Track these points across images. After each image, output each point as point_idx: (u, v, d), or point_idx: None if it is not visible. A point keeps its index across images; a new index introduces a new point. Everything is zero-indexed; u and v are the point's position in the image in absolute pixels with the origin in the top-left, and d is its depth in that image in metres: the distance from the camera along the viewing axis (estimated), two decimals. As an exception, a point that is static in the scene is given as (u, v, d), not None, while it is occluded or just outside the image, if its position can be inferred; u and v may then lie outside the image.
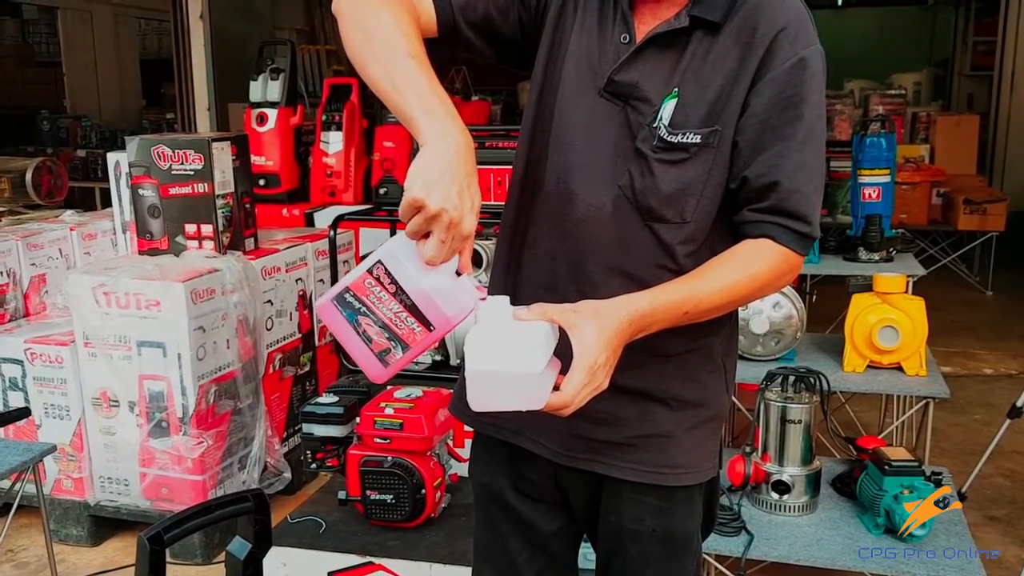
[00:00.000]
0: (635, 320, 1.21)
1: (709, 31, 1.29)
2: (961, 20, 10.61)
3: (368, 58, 1.23)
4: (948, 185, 6.54)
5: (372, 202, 4.69)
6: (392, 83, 1.19)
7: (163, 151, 3.07)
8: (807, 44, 1.28)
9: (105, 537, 3.20)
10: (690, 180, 1.29)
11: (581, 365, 1.17)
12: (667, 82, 1.29)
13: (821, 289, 4.49)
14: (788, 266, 1.31)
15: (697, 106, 1.28)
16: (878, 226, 3.48)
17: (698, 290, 1.26)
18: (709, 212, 1.32)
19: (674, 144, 1.28)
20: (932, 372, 2.79)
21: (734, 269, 1.28)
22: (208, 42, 5.77)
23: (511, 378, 1.14)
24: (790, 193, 1.27)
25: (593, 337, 1.17)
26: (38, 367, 3.08)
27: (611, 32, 1.33)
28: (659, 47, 1.30)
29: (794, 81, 1.26)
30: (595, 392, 1.19)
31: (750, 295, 1.32)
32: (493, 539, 1.56)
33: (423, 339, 1.19)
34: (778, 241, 1.29)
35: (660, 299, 1.24)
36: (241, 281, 3.09)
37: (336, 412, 2.60)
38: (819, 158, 1.30)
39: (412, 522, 2.50)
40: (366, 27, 1.25)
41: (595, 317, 1.19)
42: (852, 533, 2.18)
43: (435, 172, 1.11)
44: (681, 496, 1.41)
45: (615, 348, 1.20)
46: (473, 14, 1.37)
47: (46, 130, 9.11)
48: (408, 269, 1.17)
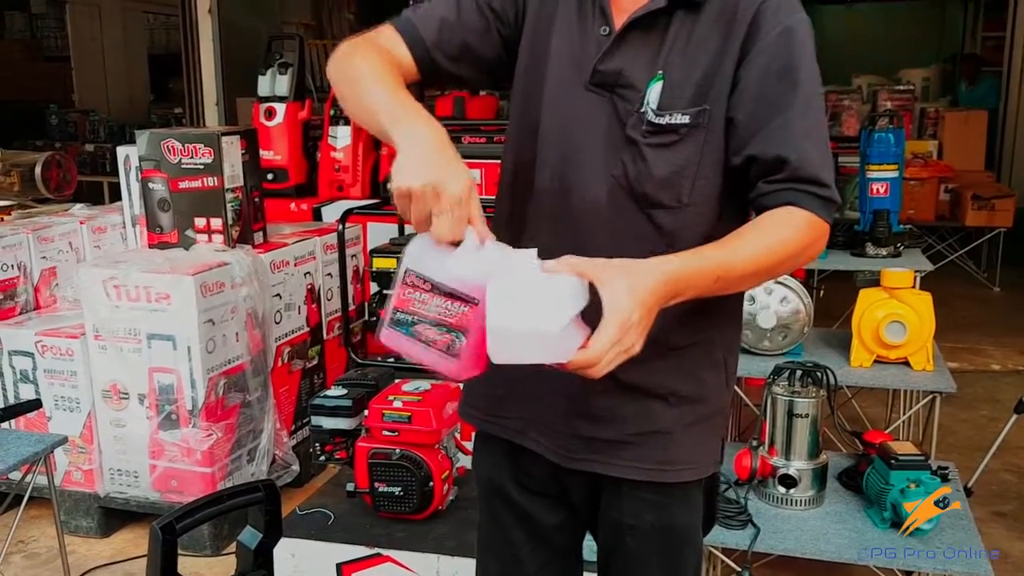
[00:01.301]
0: (669, 281, 1.16)
1: (690, 11, 1.29)
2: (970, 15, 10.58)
3: (354, 103, 1.32)
4: (956, 181, 6.52)
5: (379, 196, 4.70)
6: (368, 113, 1.27)
7: (173, 145, 3.08)
8: (791, 13, 1.29)
9: (115, 529, 3.23)
10: (683, 162, 1.29)
11: (612, 321, 1.11)
12: (651, 66, 1.30)
13: (828, 284, 4.48)
14: (816, 233, 1.26)
15: (683, 87, 1.28)
16: (886, 221, 3.49)
17: (729, 256, 1.22)
18: (708, 194, 1.31)
19: (663, 126, 1.28)
20: (939, 367, 2.79)
21: (764, 236, 1.25)
22: (216, 36, 5.79)
23: (533, 331, 1.11)
24: (801, 161, 1.25)
25: (625, 293, 1.12)
26: (48, 359, 3.10)
27: (591, 26, 1.34)
28: (641, 32, 1.31)
29: (783, 51, 1.27)
30: (626, 354, 1.13)
31: (782, 263, 1.26)
32: (497, 532, 1.57)
33: (474, 316, 1.16)
34: (801, 206, 1.25)
35: (691, 263, 1.19)
36: (250, 275, 3.11)
37: (344, 405, 2.61)
38: (822, 122, 1.29)
39: (420, 514, 2.51)
40: (349, 79, 1.33)
41: (627, 274, 1.14)
42: (858, 527, 2.18)
43: (409, 162, 1.15)
44: (680, 492, 1.42)
45: (649, 308, 1.14)
46: (449, 47, 1.38)
47: (54, 124, 9.14)
48: (433, 263, 1.17)
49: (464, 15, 1.38)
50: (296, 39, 5.11)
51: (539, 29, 1.39)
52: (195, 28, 5.90)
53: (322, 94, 5.51)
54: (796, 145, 1.25)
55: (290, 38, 5.19)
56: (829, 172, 1.27)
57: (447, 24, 1.38)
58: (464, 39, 1.38)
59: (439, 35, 1.37)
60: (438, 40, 1.37)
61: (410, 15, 1.39)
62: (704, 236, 1.30)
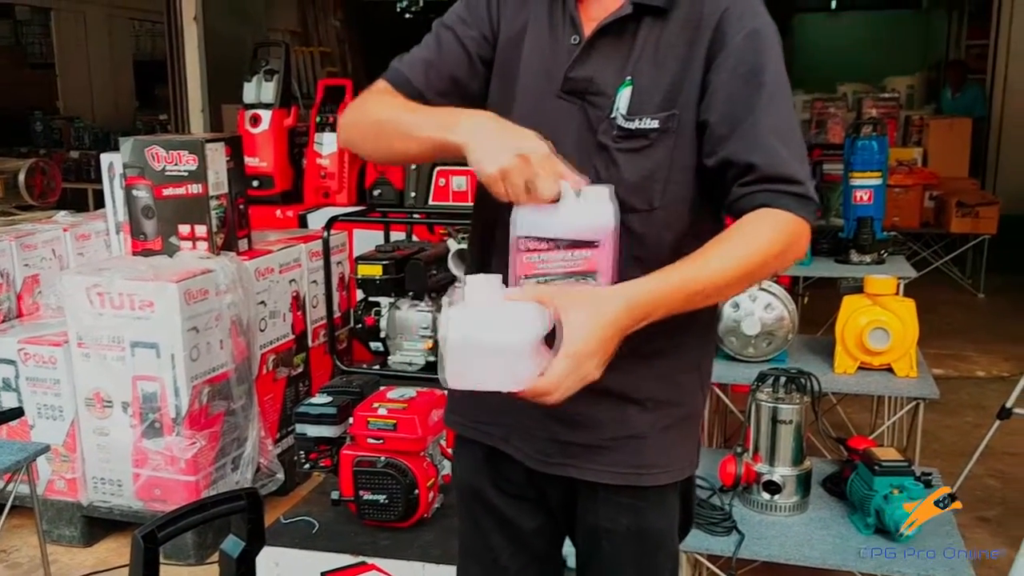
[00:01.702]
0: (634, 308, 1.18)
1: (657, 18, 1.31)
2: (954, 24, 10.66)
3: (388, 141, 1.37)
4: (941, 188, 6.57)
5: (365, 203, 4.69)
6: (410, 139, 1.33)
7: (157, 152, 3.07)
8: (754, 17, 1.30)
9: (98, 538, 3.21)
10: (653, 166, 1.30)
11: (566, 351, 1.14)
12: (621, 72, 1.31)
13: (813, 291, 4.50)
14: (794, 232, 1.25)
15: (652, 92, 1.30)
16: (870, 228, 3.50)
17: (699, 272, 1.22)
18: (679, 198, 1.32)
19: (633, 131, 1.30)
20: (923, 374, 2.80)
21: (737, 246, 1.24)
22: (201, 43, 5.77)
23: (491, 357, 1.14)
24: (770, 160, 1.25)
25: (583, 323, 1.14)
26: (31, 367, 3.08)
27: (562, 35, 1.36)
28: (610, 39, 1.33)
29: (749, 54, 1.28)
30: (583, 382, 1.17)
31: (761, 268, 1.25)
32: (476, 536, 1.58)
33: (601, 256, 1.22)
34: (775, 206, 1.25)
35: (658, 287, 1.20)
36: (235, 282, 3.10)
37: (329, 412, 2.60)
38: (791, 121, 1.29)
39: (405, 522, 2.50)
40: (372, 124, 1.39)
41: (589, 303, 1.17)
42: (842, 533, 2.19)
43: (486, 147, 1.21)
44: (655, 495, 1.43)
45: (608, 338, 1.16)
46: (439, 84, 1.41)
47: (39, 131, 9.11)
48: (542, 223, 1.22)
49: (445, 51, 1.42)
50: (282, 46, 5.11)
51: (511, 43, 1.41)
52: (180, 35, 5.88)
53: (308, 101, 5.51)
54: (764, 144, 1.25)
55: (276, 45, 5.19)
56: (802, 169, 1.26)
57: (431, 65, 1.42)
58: (450, 73, 1.42)
59: (426, 76, 1.41)
60: (426, 81, 1.41)
61: (396, 64, 1.45)
62: (674, 239, 1.32)
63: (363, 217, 4.02)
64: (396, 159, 1.45)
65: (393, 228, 3.97)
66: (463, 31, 1.42)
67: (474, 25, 1.43)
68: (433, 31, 1.46)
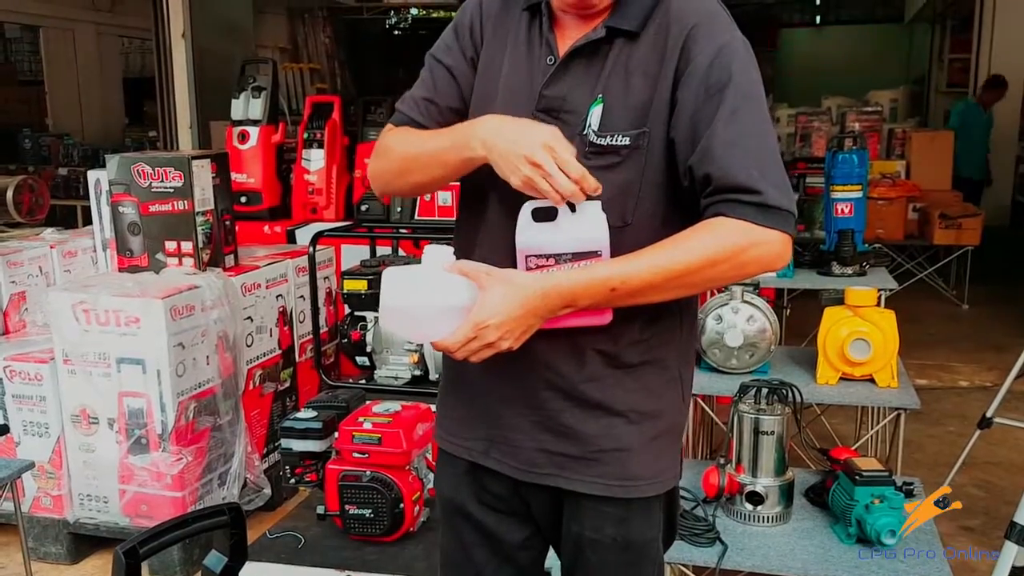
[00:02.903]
0: (549, 293, 1.27)
1: (629, 39, 1.35)
2: (937, 38, 10.78)
3: (419, 175, 1.44)
4: (924, 200, 6.63)
5: (353, 219, 4.72)
6: (439, 165, 1.40)
7: (143, 169, 3.09)
8: (722, 34, 1.33)
9: (84, 555, 3.19)
10: (625, 182, 1.33)
11: (470, 319, 1.27)
12: (592, 91, 1.35)
13: (796, 303, 4.54)
14: (748, 240, 1.26)
15: (623, 110, 1.33)
16: (851, 241, 3.54)
17: (627, 267, 1.27)
18: (652, 213, 1.35)
19: (604, 147, 1.33)
20: (904, 384, 2.83)
21: (670, 246, 1.28)
22: (190, 60, 5.79)
23: (406, 310, 1.32)
24: (725, 171, 1.27)
25: (494, 298, 1.27)
26: (17, 384, 3.08)
27: (538, 57, 1.41)
28: (583, 59, 1.37)
29: (714, 69, 1.30)
30: (491, 348, 1.28)
31: (699, 269, 1.27)
32: (459, 551, 1.58)
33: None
34: (729, 215, 1.26)
35: (578, 276, 1.28)
36: (221, 298, 3.11)
37: (315, 427, 2.61)
38: (753, 132, 1.29)
39: (391, 536, 2.51)
40: (400, 158, 1.45)
41: (505, 283, 1.28)
42: (824, 543, 2.20)
43: (506, 162, 1.28)
44: (640, 506, 1.44)
45: (517, 316, 1.27)
46: (441, 118, 1.47)
47: (28, 148, 9.10)
48: (544, 240, 1.32)
49: (439, 87, 1.48)
50: (269, 63, 5.13)
51: (490, 65, 1.45)
52: (169, 52, 5.90)
53: (295, 117, 5.54)
54: (718, 156, 1.27)
55: (263, 62, 5.21)
56: (762, 178, 1.26)
57: (430, 102, 1.48)
58: (449, 107, 1.48)
59: (427, 113, 1.48)
60: (427, 117, 1.48)
61: (399, 107, 1.52)
62: None
63: (348, 232, 4.04)
64: (427, 188, 1.53)
65: (379, 243, 3.99)
66: (453, 62, 1.48)
67: (460, 52, 1.48)
68: (427, 66, 1.51)
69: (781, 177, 1.29)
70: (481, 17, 1.48)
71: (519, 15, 1.44)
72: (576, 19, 1.39)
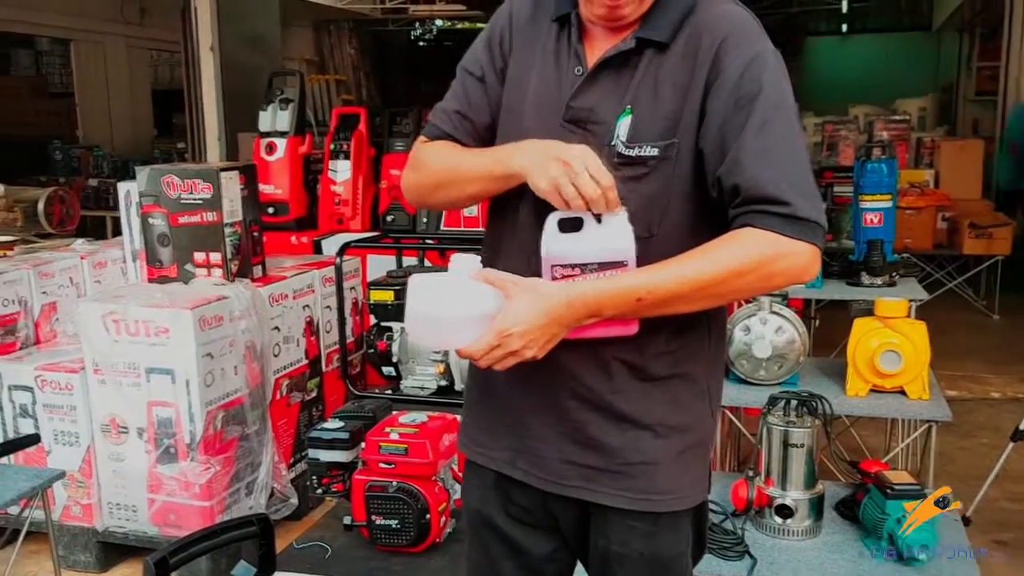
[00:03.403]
0: (574, 302, 1.27)
1: (659, 50, 1.34)
2: (966, 45, 10.68)
3: (454, 189, 1.45)
4: (953, 209, 6.56)
5: (379, 229, 4.74)
6: (477, 179, 1.41)
7: (172, 181, 3.12)
8: (753, 45, 1.32)
9: (113, 563, 3.22)
10: (652, 193, 1.33)
11: (494, 327, 1.28)
12: (620, 102, 1.35)
13: (824, 314, 4.49)
14: (775, 251, 1.25)
15: (652, 121, 1.33)
16: (880, 251, 3.51)
17: (653, 277, 1.27)
18: (678, 224, 1.34)
19: (632, 158, 1.33)
20: (935, 396, 2.79)
21: (697, 256, 1.27)
22: (218, 72, 5.85)
23: (431, 318, 1.33)
24: (753, 183, 1.26)
25: (519, 307, 1.27)
26: (48, 394, 3.12)
27: (566, 67, 1.41)
28: (612, 71, 1.36)
29: (744, 82, 1.29)
30: (511, 357, 1.28)
31: (724, 281, 1.27)
32: (486, 563, 1.58)
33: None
34: (757, 226, 1.26)
35: (604, 286, 1.28)
36: (249, 308, 3.13)
37: (342, 437, 2.63)
38: (782, 142, 1.29)
39: (417, 547, 2.52)
40: (437, 171, 1.46)
41: (530, 292, 1.28)
42: (855, 557, 2.18)
43: (536, 166, 1.29)
44: (668, 520, 1.43)
45: (542, 325, 1.27)
46: (474, 131, 1.48)
47: (58, 160, 9.21)
48: (570, 249, 1.32)
49: (472, 99, 1.49)
50: (297, 75, 5.19)
51: (519, 75, 1.45)
52: (198, 64, 5.97)
53: (322, 128, 5.58)
54: (747, 167, 1.27)
55: (291, 74, 5.26)
56: (791, 189, 1.26)
57: (462, 115, 1.49)
58: (480, 120, 1.49)
59: (461, 127, 1.49)
60: (461, 131, 1.49)
61: (432, 120, 1.52)
62: None
63: (375, 243, 4.06)
64: (463, 203, 1.53)
65: (405, 254, 4.00)
66: (484, 74, 1.48)
67: (491, 64, 1.48)
68: (458, 77, 1.52)
69: (810, 188, 1.28)
70: (511, 28, 1.48)
71: (548, 26, 1.44)
72: (605, 31, 1.39)
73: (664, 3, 1.35)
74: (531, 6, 1.47)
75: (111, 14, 9.94)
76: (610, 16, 1.36)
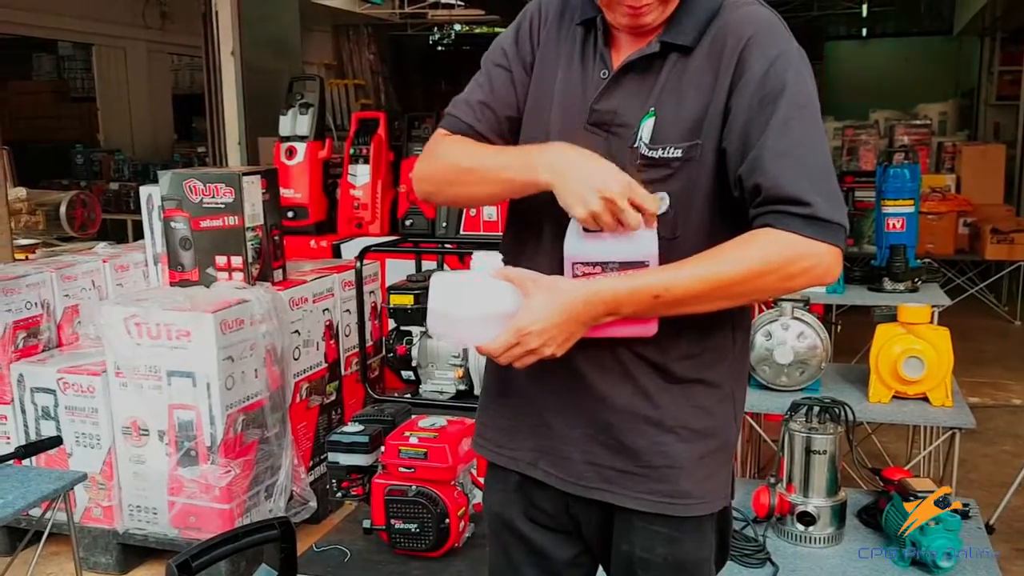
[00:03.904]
0: (592, 300, 1.27)
1: (683, 54, 1.34)
2: (987, 50, 10.59)
3: (471, 188, 1.42)
4: (975, 215, 6.51)
5: (398, 234, 4.75)
6: (497, 182, 1.38)
7: (195, 185, 3.14)
8: (777, 45, 1.31)
9: (133, 565, 3.23)
10: (676, 195, 1.32)
11: (514, 324, 1.28)
12: (644, 104, 1.35)
13: (847, 319, 4.47)
14: (794, 252, 1.24)
15: (676, 122, 1.32)
16: (902, 256, 3.48)
17: (671, 276, 1.27)
18: (701, 225, 1.34)
19: (656, 160, 1.33)
20: (958, 403, 2.77)
21: (716, 255, 1.27)
22: (239, 77, 5.87)
23: (454, 316, 1.34)
24: (774, 183, 1.25)
25: (537, 305, 1.28)
26: (70, 396, 3.14)
27: (592, 70, 1.40)
28: (636, 74, 1.36)
29: (768, 81, 1.29)
30: (530, 355, 1.29)
31: (743, 281, 1.26)
32: (507, 568, 1.57)
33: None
34: (777, 227, 1.25)
35: (625, 283, 1.28)
36: (269, 312, 3.14)
37: (361, 441, 2.63)
38: (805, 142, 1.27)
39: (436, 551, 2.51)
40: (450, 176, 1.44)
41: (549, 290, 1.29)
42: (878, 565, 2.16)
43: (574, 191, 1.27)
44: (692, 525, 1.42)
45: (560, 323, 1.27)
46: (497, 124, 1.46)
47: (80, 164, 9.30)
48: (592, 248, 1.32)
49: (497, 91, 1.47)
50: (317, 80, 5.21)
51: (545, 73, 1.45)
52: (219, 69, 5.99)
53: (342, 133, 5.60)
54: (769, 166, 1.26)
55: (311, 79, 5.28)
56: (812, 190, 1.24)
57: (486, 106, 1.46)
58: (506, 115, 1.47)
59: (483, 118, 1.46)
60: (487, 125, 1.46)
61: (451, 111, 1.49)
62: None
63: (395, 247, 4.07)
64: (476, 202, 1.51)
65: (425, 258, 4.01)
66: (511, 66, 1.47)
67: (518, 57, 1.47)
68: (484, 70, 1.50)
69: (832, 189, 1.27)
70: (540, 23, 1.47)
71: (574, 29, 1.44)
72: (630, 35, 1.39)
73: (690, 6, 1.35)
74: (559, 6, 1.47)
75: (132, 19, 10.02)
76: (633, 24, 1.35)
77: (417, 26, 11.59)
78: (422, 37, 13.29)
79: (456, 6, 10.37)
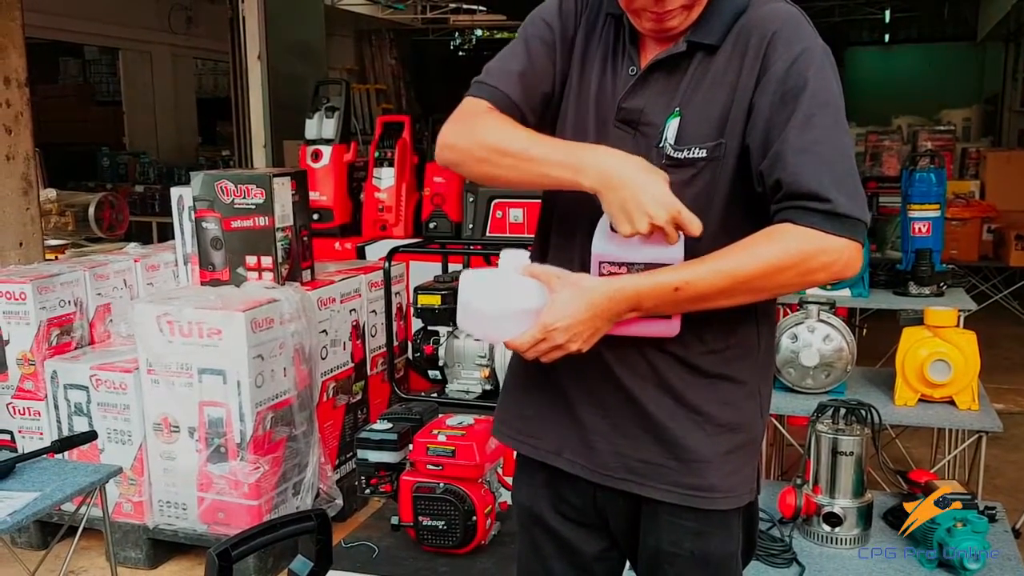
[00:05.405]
0: (615, 296, 1.30)
1: (708, 52, 1.36)
2: (1011, 56, 10.54)
3: (502, 171, 1.38)
4: (999, 221, 6.46)
5: (422, 236, 4.79)
6: (534, 173, 1.35)
7: (226, 186, 3.18)
8: (801, 41, 1.32)
9: (162, 560, 3.28)
10: (699, 194, 1.34)
11: (540, 320, 1.31)
12: (670, 104, 1.36)
13: (871, 323, 4.46)
14: (814, 247, 1.24)
15: (701, 122, 1.34)
16: (928, 260, 3.48)
17: (692, 271, 1.28)
18: (723, 225, 1.34)
19: (681, 160, 1.34)
20: (984, 406, 2.77)
21: (737, 251, 1.27)
22: (265, 81, 5.94)
23: (483, 311, 1.37)
24: (794, 178, 1.25)
25: (562, 301, 1.30)
26: (102, 393, 3.19)
27: (621, 68, 1.42)
28: (663, 73, 1.38)
29: (791, 77, 1.30)
30: (556, 351, 1.32)
31: (763, 276, 1.27)
32: (536, 562, 1.58)
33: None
34: (797, 222, 1.25)
35: (646, 279, 1.30)
36: (298, 311, 3.18)
37: (390, 438, 2.66)
38: (827, 138, 1.27)
39: (463, 548, 2.53)
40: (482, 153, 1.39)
41: (573, 287, 1.31)
42: (904, 566, 2.17)
43: (622, 209, 1.28)
44: (718, 520, 1.43)
45: (585, 319, 1.30)
46: (532, 99, 1.44)
47: (106, 166, 9.42)
48: (620, 248, 1.34)
49: (536, 64, 1.44)
50: (342, 84, 5.25)
51: (583, 70, 1.46)
52: (245, 73, 6.07)
53: (366, 136, 5.65)
54: (790, 162, 1.26)
55: (336, 83, 5.33)
56: (833, 186, 1.25)
57: (525, 78, 1.43)
58: (542, 91, 1.45)
59: (522, 90, 1.42)
60: (523, 95, 1.42)
61: (486, 80, 1.44)
62: None
63: (423, 248, 4.10)
64: (499, 184, 1.43)
65: (450, 259, 4.04)
66: (553, 38, 1.45)
67: (563, 33, 1.46)
68: (521, 40, 1.46)
69: (854, 185, 1.27)
70: (584, 5, 1.47)
71: (607, 20, 1.45)
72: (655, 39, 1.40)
73: (718, 6, 1.36)
74: None
75: (158, 23, 10.14)
76: (657, 29, 1.37)
77: (438, 31, 11.68)
78: (443, 42, 13.37)
79: (477, 11, 10.43)
